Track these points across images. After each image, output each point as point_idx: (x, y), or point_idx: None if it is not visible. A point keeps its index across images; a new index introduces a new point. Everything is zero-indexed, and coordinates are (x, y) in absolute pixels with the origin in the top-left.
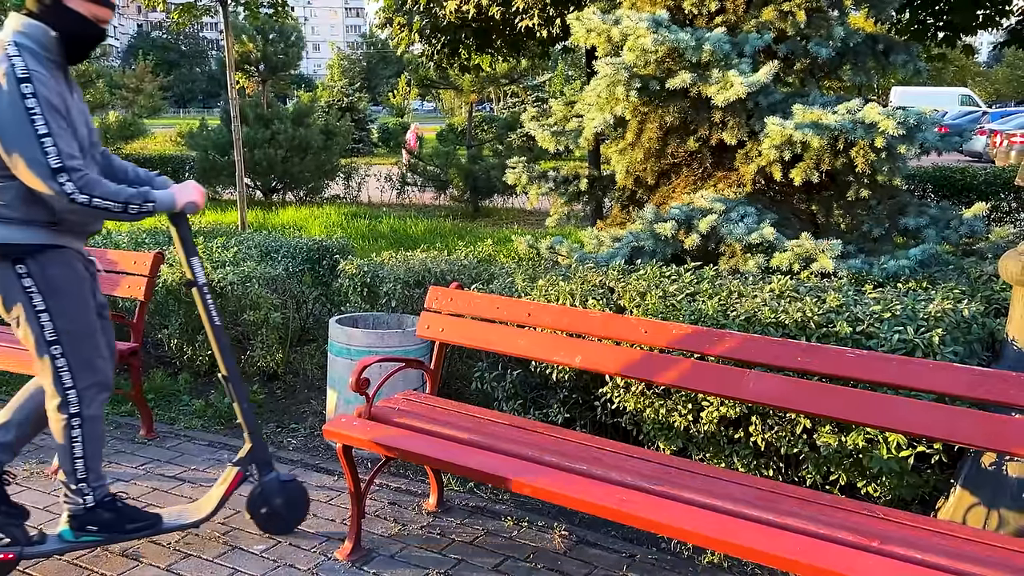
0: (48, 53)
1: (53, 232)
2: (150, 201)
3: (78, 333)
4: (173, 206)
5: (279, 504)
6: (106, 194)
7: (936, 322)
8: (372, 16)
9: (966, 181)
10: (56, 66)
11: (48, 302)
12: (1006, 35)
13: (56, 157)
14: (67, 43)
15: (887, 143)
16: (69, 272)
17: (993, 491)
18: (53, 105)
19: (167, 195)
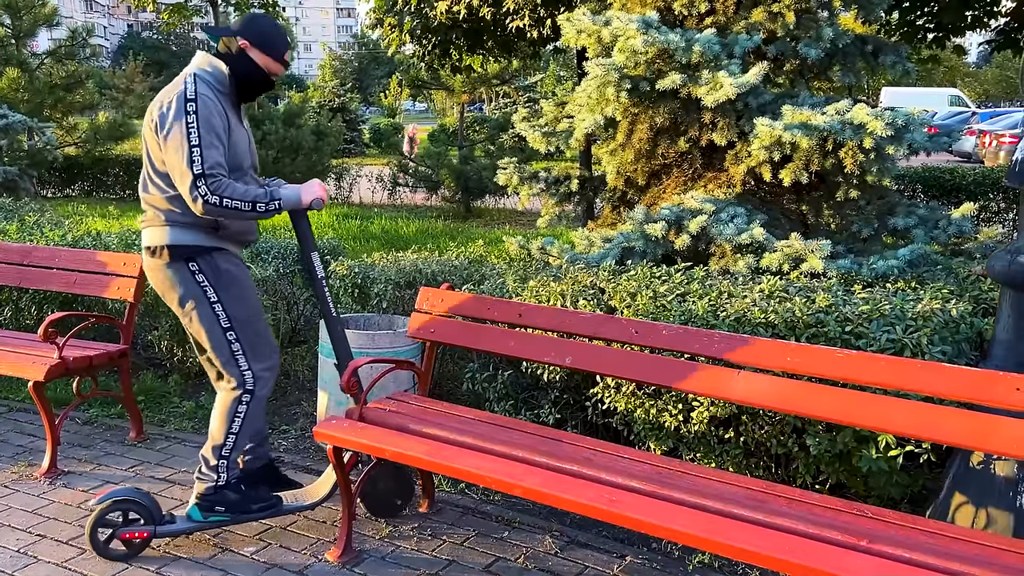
0: (221, 87)
1: (217, 237)
2: (276, 199)
3: (248, 320)
4: (299, 203)
5: (390, 487)
6: (235, 195)
7: (924, 322)
8: (363, 16)
9: (955, 181)
10: (226, 98)
11: (220, 294)
12: (995, 37)
13: (199, 165)
14: (240, 83)
15: (876, 144)
16: (235, 269)
17: (981, 490)
18: (210, 123)
19: (293, 192)
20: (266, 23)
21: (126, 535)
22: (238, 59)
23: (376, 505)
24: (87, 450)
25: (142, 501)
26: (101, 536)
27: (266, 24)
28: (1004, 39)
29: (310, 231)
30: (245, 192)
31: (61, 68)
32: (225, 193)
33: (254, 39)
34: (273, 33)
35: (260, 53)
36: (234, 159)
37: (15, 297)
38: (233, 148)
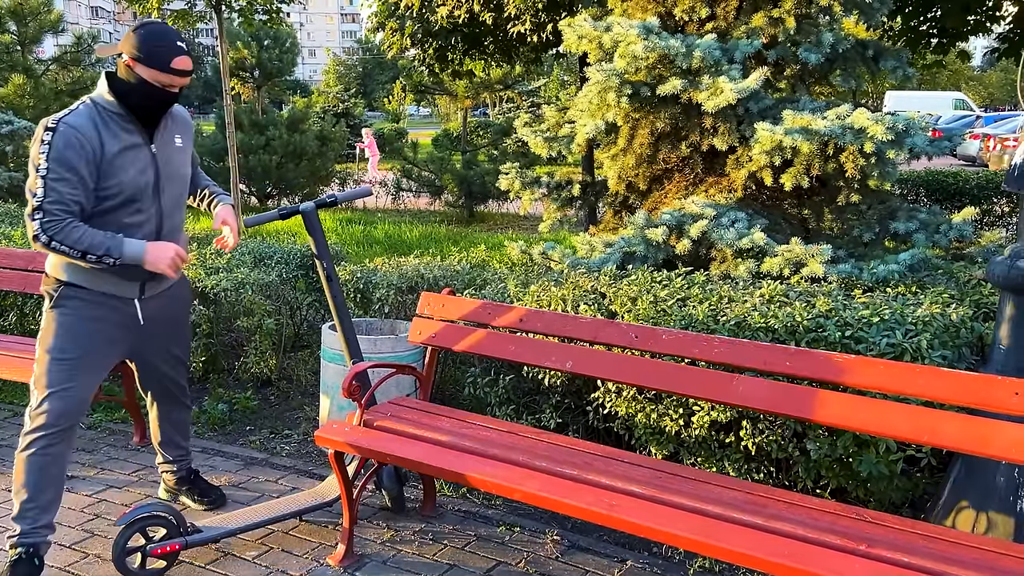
0: (110, 111)
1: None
2: (113, 256)
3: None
4: (139, 262)
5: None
6: (67, 240)
7: (924, 326)
8: (366, 21)
9: (958, 185)
10: (117, 123)
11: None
12: (998, 42)
13: (40, 196)
14: (133, 104)
15: (876, 148)
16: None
17: (981, 495)
18: (64, 157)
19: (135, 250)
20: (146, 34)
21: (158, 551)
22: (127, 79)
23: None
24: (91, 454)
25: (165, 514)
26: (132, 562)
27: (146, 35)
28: (1008, 45)
29: (323, 232)
30: (79, 240)
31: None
32: (57, 235)
33: (135, 54)
34: (153, 43)
35: (145, 67)
36: (115, 189)
37: (20, 302)
38: (112, 178)
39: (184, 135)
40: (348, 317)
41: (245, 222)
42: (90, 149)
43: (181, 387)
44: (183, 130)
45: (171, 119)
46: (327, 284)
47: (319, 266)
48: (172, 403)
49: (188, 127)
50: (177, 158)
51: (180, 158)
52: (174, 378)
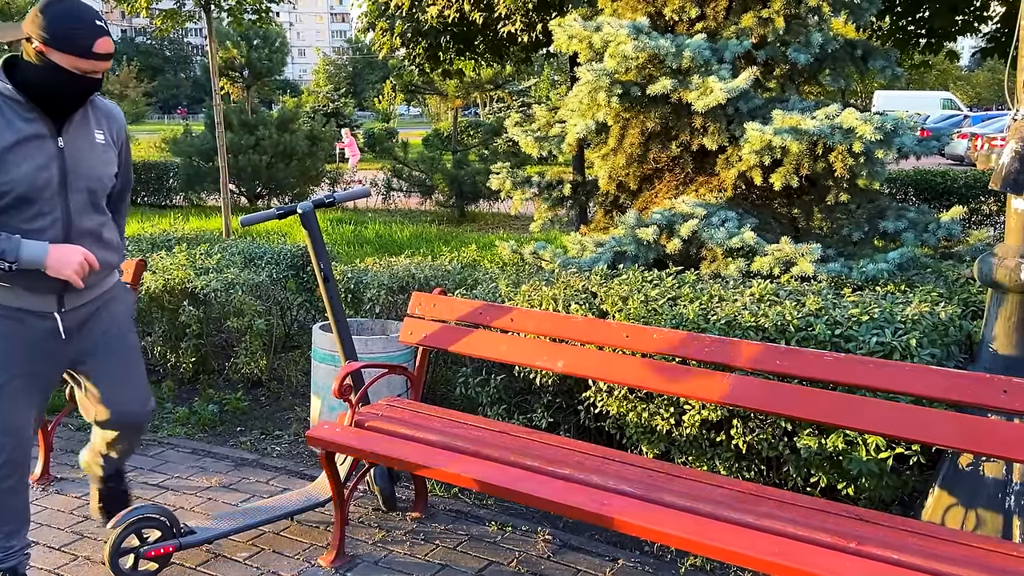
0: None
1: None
2: (7, 260)
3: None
4: (39, 265)
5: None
6: None
7: (913, 325)
8: (356, 21)
9: (947, 184)
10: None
11: None
12: (985, 42)
13: None
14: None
15: (865, 148)
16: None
17: (970, 492)
18: None
19: (35, 253)
20: (57, 13)
21: (151, 552)
22: (36, 64)
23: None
24: (79, 456)
25: (159, 515)
26: (124, 564)
27: (58, 15)
28: (995, 45)
29: (320, 232)
30: None
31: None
32: None
33: (45, 38)
34: (68, 25)
35: (60, 53)
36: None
37: None
38: (6, 171)
39: (110, 131)
40: (344, 317)
41: (241, 221)
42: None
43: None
44: (109, 126)
45: (93, 110)
46: (323, 285)
47: (316, 267)
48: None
49: (117, 123)
50: (93, 156)
51: (98, 156)
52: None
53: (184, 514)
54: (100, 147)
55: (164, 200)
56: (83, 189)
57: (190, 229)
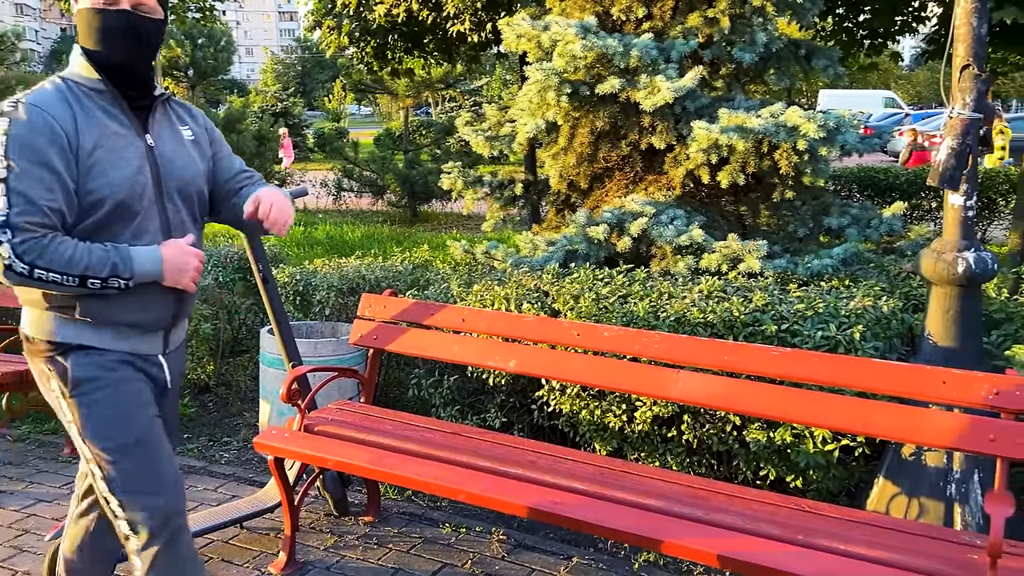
0: (88, 84)
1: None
2: (123, 276)
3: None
4: (156, 276)
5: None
6: (55, 262)
7: (857, 319)
8: (303, 19)
9: (889, 181)
10: (93, 100)
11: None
12: (925, 44)
13: (3, 209)
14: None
15: (809, 145)
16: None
17: (913, 481)
18: (30, 145)
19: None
20: None
21: None
22: (86, 33)
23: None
24: (19, 468)
25: None
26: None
27: None
28: (935, 47)
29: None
30: (73, 259)
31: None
32: (39, 258)
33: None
34: None
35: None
36: (101, 192)
37: None
38: (98, 177)
39: (197, 128)
40: (286, 320)
41: None
42: (62, 134)
43: None
44: (194, 121)
45: (172, 107)
46: (263, 287)
47: (255, 269)
48: None
49: (200, 117)
50: (185, 155)
51: (190, 155)
52: None
53: None
54: (190, 144)
55: None
56: (178, 194)
57: None
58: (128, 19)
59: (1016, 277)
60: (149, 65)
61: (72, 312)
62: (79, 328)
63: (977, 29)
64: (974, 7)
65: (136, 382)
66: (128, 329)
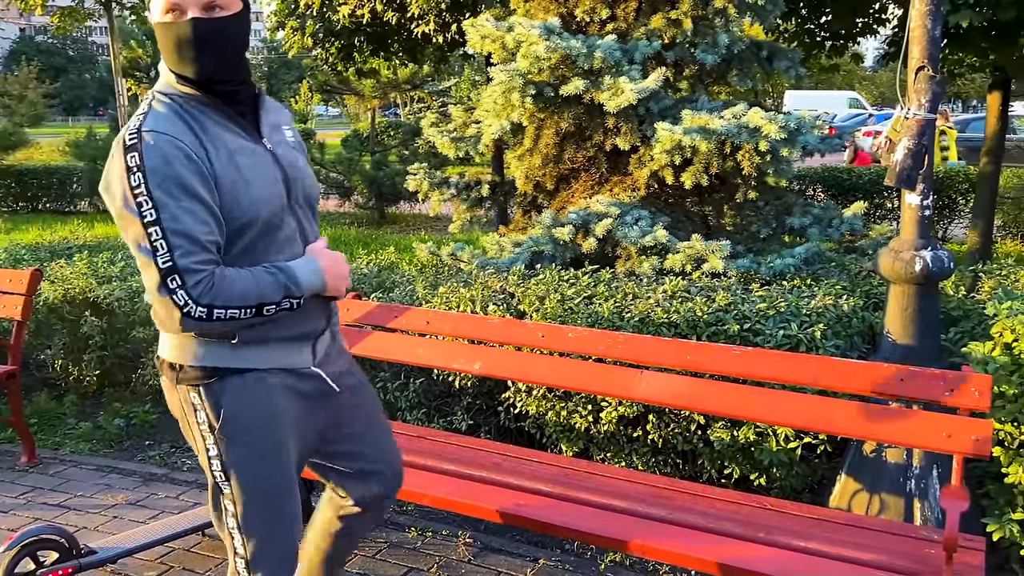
0: (190, 95)
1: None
2: (294, 296)
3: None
4: (321, 287)
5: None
6: (232, 298)
7: (818, 317)
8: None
9: (852, 181)
10: (202, 112)
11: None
12: (887, 45)
13: (166, 254)
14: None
15: (771, 146)
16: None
17: (874, 477)
18: (171, 175)
19: (312, 272)
20: None
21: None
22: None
23: None
24: None
25: (56, 536)
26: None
27: None
28: (895, 49)
29: None
30: (246, 290)
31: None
32: (217, 298)
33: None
34: None
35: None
36: (249, 211)
37: None
38: (233, 199)
39: (290, 127)
40: None
41: None
42: (196, 159)
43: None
44: (287, 120)
45: (267, 107)
46: None
47: None
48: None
49: (287, 117)
50: (300, 159)
51: (300, 157)
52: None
53: (87, 534)
54: (296, 147)
55: (67, 206)
56: (304, 200)
57: (95, 236)
58: (200, 28)
59: (974, 275)
60: (240, 64)
61: (228, 337)
62: (234, 350)
63: (931, 32)
64: (928, 10)
65: (286, 415)
66: (285, 343)
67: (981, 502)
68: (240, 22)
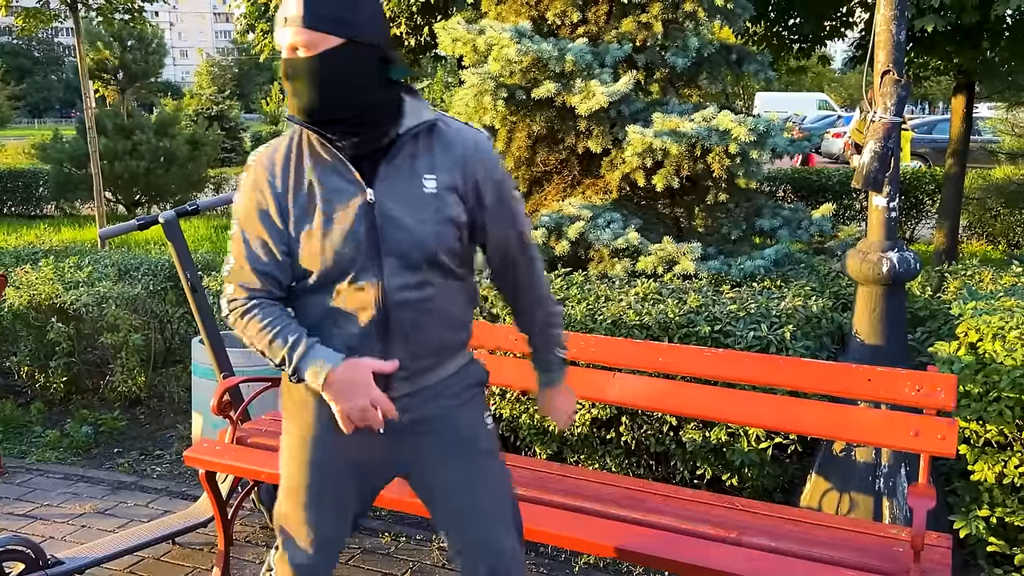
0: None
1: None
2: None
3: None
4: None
5: None
6: (246, 333)
7: (788, 318)
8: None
9: (821, 182)
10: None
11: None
12: (854, 49)
13: (227, 265)
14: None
15: (740, 149)
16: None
17: (843, 476)
18: (244, 206)
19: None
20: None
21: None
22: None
23: None
24: None
25: (22, 548)
26: None
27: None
28: (863, 52)
29: (185, 242)
30: (260, 334)
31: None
32: (235, 323)
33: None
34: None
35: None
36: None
37: None
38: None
39: (452, 172)
40: (216, 330)
41: (99, 234)
42: (276, 196)
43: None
44: (452, 165)
45: (427, 145)
46: (192, 296)
47: (183, 278)
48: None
49: (466, 158)
50: (415, 213)
51: (423, 212)
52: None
53: (54, 544)
54: (428, 198)
55: (33, 210)
56: (399, 260)
57: (61, 240)
58: (288, 67)
59: (940, 275)
60: (347, 107)
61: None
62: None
63: (896, 36)
64: (893, 15)
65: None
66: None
67: (948, 500)
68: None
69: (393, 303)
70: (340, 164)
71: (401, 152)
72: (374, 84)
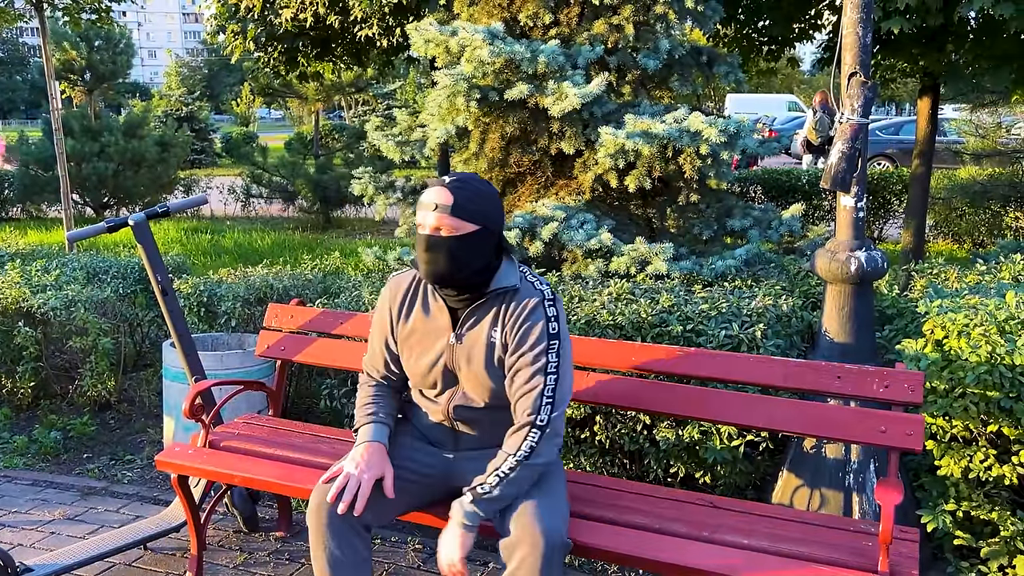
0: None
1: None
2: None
3: None
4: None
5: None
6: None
7: (759, 317)
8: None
9: (791, 182)
10: (423, 287)
11: None
12: (822, 51)
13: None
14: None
15: (711, 150)
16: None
17: (814, 473)
18: (382, 317)
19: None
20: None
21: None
22: None
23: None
24: None
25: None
26: None
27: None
28: (830, 54)
29: (155, 244)
30: (361, 399)
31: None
32: (359, 390)
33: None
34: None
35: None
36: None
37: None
38: (405, 359)
39: (511, 329)
40: (187, 333)
41: (67, 237)
42: (392, 316)
43: None
44: (513, 323)
45: (504, 303)
46: (162, 299)
47: (153, 280)
48: None
49: (520, 319)
50: (481, 359)
51: (486, 360)
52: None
53: (23, 551)
54: (490, 348)
55: None
56: (466, 383)
57: (27, 243)
58: (427, 241)
59: (907, 274)
60: (463, 273)
61: None
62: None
63: (863, 39)
64: (859, 18)
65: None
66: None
67: (916, 495)
68: (465, 245)
69: (456, 419)
70: (439, 307)
71: (484, 305)
72: (490, 259)
